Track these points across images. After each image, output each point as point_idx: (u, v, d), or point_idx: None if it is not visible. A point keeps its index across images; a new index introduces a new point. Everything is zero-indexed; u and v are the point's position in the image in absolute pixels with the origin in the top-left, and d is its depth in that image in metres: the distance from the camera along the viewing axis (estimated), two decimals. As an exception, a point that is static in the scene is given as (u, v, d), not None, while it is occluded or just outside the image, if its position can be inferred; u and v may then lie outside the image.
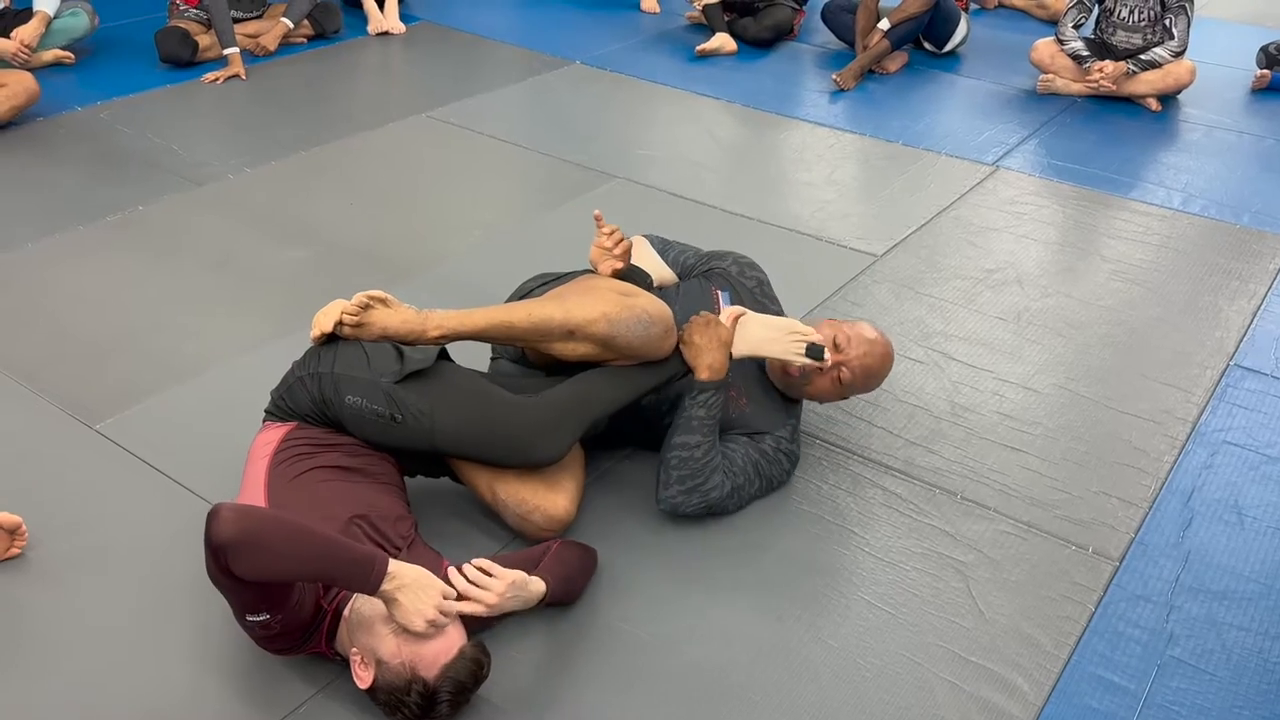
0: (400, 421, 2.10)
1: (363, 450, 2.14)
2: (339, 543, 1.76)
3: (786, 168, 4.14)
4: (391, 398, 2.10)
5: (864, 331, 2.41)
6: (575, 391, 2.16)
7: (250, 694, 1.94)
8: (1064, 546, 2.34)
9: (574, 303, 2.18)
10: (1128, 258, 3.51)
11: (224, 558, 1.63)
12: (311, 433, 2.13)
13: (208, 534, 1.64)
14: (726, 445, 2.37)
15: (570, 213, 3.69)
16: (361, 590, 1.75)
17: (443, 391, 2.12)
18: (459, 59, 5.23)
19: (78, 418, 2.63)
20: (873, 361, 2.40)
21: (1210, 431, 2.71)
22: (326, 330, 2.19)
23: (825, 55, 5.37)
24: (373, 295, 2.18)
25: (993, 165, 4.15)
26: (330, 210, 3.69)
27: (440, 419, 2.09)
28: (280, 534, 1.68)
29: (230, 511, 1.65)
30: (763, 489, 2.40)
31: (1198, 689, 2.03)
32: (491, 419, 2.10)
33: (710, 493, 2.28)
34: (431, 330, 2.18)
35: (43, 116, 4.34)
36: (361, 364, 2.14)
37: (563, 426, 2.12)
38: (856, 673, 2.03)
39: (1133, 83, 4.68)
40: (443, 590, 1.79)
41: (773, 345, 2.29)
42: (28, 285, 3.20)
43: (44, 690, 1.95)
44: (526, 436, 2.09)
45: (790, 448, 2.44)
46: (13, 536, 2.21)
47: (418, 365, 2.14)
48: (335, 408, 2.12)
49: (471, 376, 2.22)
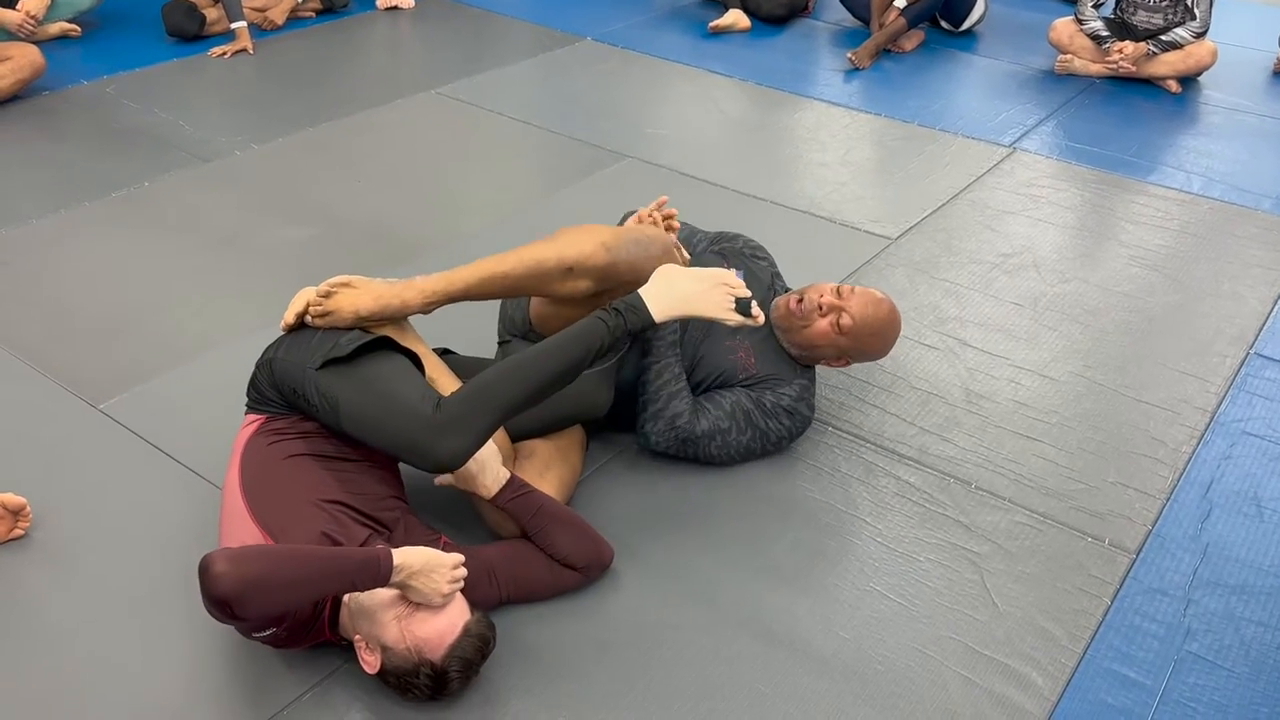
0: (316, 409, 1.99)
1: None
2: (337, 553, 1.73)
3: (800, 148, 4.08)
4: (314, 385, 1.99)
5: (868, 290, 2.42)
6: (477, 386, 1.92)
7: (257, 679, 1.92)
8: (1080, 538, 2.30)
9: (565, 240, 2.11)
10: (1146, 243, 3.46)
11: (230, 610, 1.59)
12: (281, 423, 2.05)
13: (205, 589, 1.58)
14: (721, 393, 2.36)
15: (580, 192, 3.65)
16: (375, 587, 1.73)
17: (353, 385, 1.96)
18: (468, 34, 5.17)
19: (82, 397, 2.60)
20: (873, 313, 2.37)
21: (1230, 421, 2.67)
22: (291, 322, 2.10)
23: (840, 33, 5.29)
24: (334, 282, 2.09)
25: (1010, 147, 4.09)
26: (337, 188, 3.65)
27: (343, 414, 1.95)
28: (278, 568, 1.63)
29: (224, 564, 1.58)
30: (756, 440, 2.37)
31: (1215, 685, 2.00)
32: (387, 424, 1.90)
33: (678, 422, 2.27)
34: (414, 298, 2.09)
35: (48, 90, 4.30)
36: (301, 348, 2.04)
37: (462, 427, 1.86)
38: (867, 665, 2.00)
39: (1153, 64, 4.60)
40: (450, 561, 1.78)
41: (701, 301, 2.02)
42: (32, 262, 3.17)
43: (47, 671, 1.93)
44: (424, 442, 1.86)
45: (793, 405, 2.40)
46: (17, 517, 2.19)
47: (335, 352, 2.00)
48: (287, 394, 2.04)
49: (392, 370, 2.00)
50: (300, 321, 2.12)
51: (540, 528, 2.04)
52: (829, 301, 2.35)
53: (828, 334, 2.37)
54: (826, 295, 2.36)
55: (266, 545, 1.76)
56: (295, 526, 1.85)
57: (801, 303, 2.37)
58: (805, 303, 2.37)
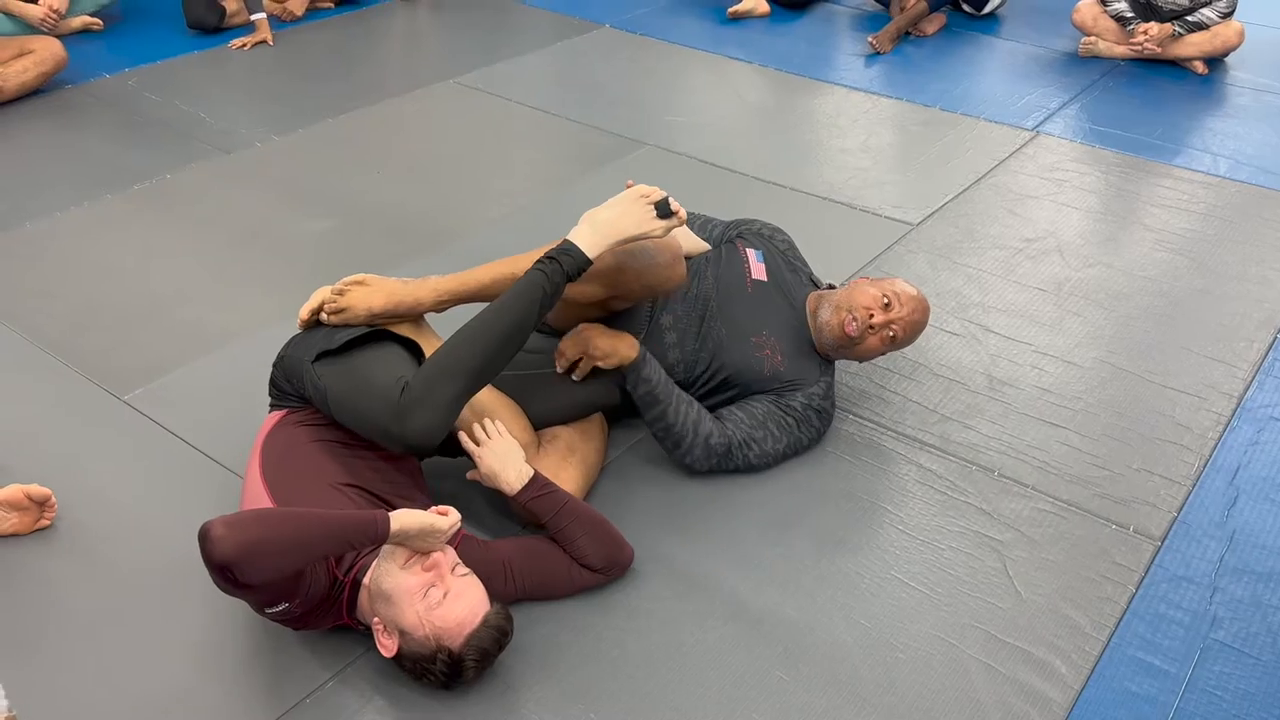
0: (313, 400, 2.04)
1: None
2: (335, 515, 1.75)
3: (820, 134, 4.05)
4: (310, 376, 2.03)
5: (905, 288, 2.44)
6: (434, 360, 1.93)
7: (281, 666, 1.94)
8: (1104, 525, 2.28)
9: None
10: (1172, 226, 3.42)
11: (231, 574, 1.60)
12: (301, 415, 2.09)
13: (205, 555, 1.60)
14: (749, 401, 2.38)
15: (601, 181, 3.64)
16: (372, 546, 1.77)
17: (337, 373, 2.00)
18: (486, 23, 5.16)
19: (106, 388, 2.63)
20: (920, 317, 2.44)
21: (1256, 407, 2.64)
22: (305, 319, 2.15)
23: (860, 17, 5.25)
24: (348, 280, 2.15)
25: (1033, 131, 4.05)
26: (359, 179, 3.66)
27: (331, 402, 1.99)
28: (277, 530, 1.65)
29: (221, 528, 1.60)
30: (791, 445, 2.39)
31: (1242, 673, 1.98)
32: (362, 408, 1.93)
33: (711, 440, 2.28)
34: (427, 296, 2.16)
35: (71, 84, 4.33)
36: (306, 343, 2.10)
37: (427, 404, 1.87)
38: (890, 653, 1.99)
39: (1178, 45, 4.54)
40: (446, 525, 1.81)
41: (624, 222, 2.03)
42: (57, 255, 3.19)
43: (73, 659, 1.95)
44: (393, 425, 1.87)
45: (823, 404, 2.42)
46: (43, 508, 2.21)
47: (328, 344, 2.05)
48: (296, 386, 2.10)
49: (375, 357, 2.03)
50: (315, 319, 2.16)
51: (562, 527, 2.04)
52: (880, 320, 2.38)
53: (878, 348, 2.43)
54: (877, 314, 2.37)
55: (265, 509, 1.77)
56: (311, 506, 1.88)
57: (855, 322, 2.37)
58: (859, 322, 2.37)
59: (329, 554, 1.76)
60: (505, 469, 2.05)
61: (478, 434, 2.08)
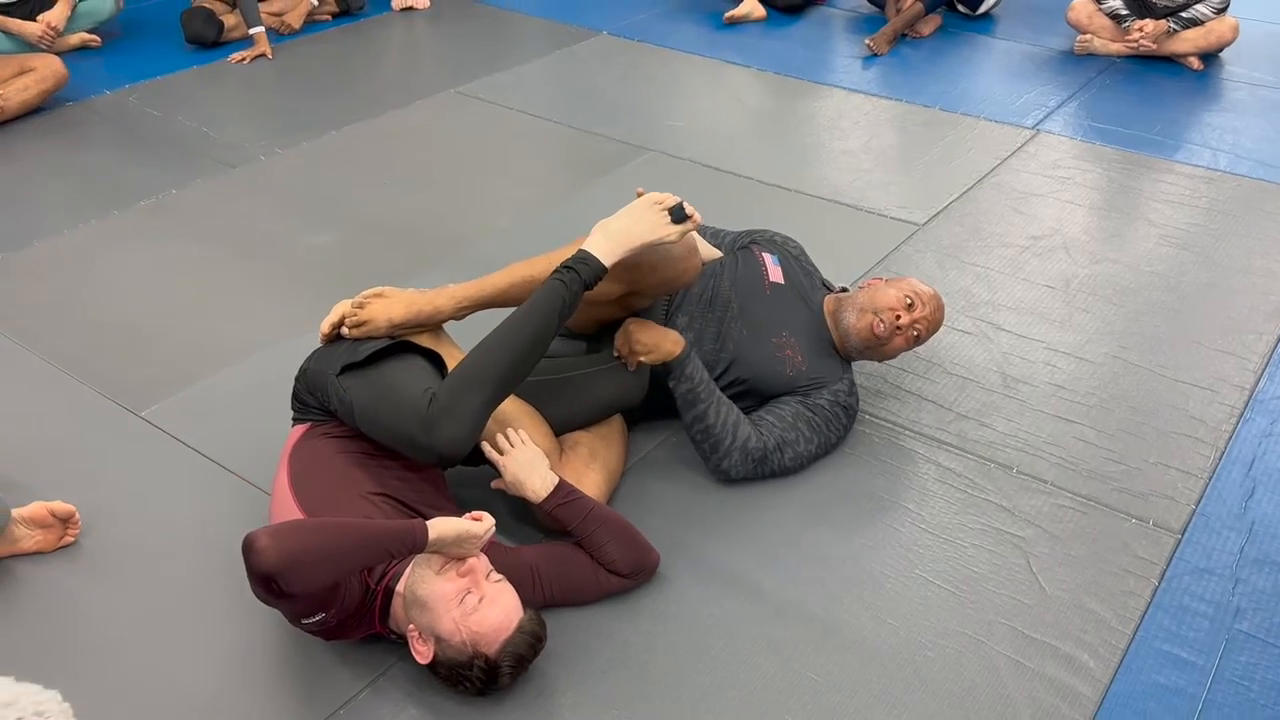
0: (339, 413, 2.05)
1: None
2: (375, 524, 1.76)
3: (822, 136, 4.07)
4: (335, 389, 2.04)
5: (923, 287, 2.49)
6: (459, 372, 1.95)
7: (313, 677, 1.94)
8: (1124, 520, 2.30)
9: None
10: (1175, 221, 3.44)
11: (276, 584, 1.61)
12: (326, 427, 2.10)
13: (250, 566, 1.61)
14: (777, 405, 2.39)
15: (605, 187, 3.65)
16: (411, 554, 1.78)
17: (363, 386, 2.02)
18: (485, 33, 5.17)
19: (123, 404, 2.63)
20: (940, 315, 2.50)
21: (1269, 399, 2.66)
22: (327, 333, 2.17)
23: (856, 20, 5.27)
24: (367, 293, 2.17)
25: (1033, 129, 4.07)
26: (364, 191, 3.66)
27: (357, 415, 2.00)
28: (319, 540, 1.66)
29: (266, 539, 1.61)
30: (822, 446, 2.41)
31: (1268, 663, 1.99)
32: (390, 420, 1.94)
33: (749, 445, 2.29)
34: (446, 304, 2.17)
35: (71, 101, 4.33)
36: (329, 356, 2.11)
37: (454, 415, 1.89)
38: (918, 652, 2.00)
39: (1174, 41, 4.57)
40: (481, 530, 1.82)
41: (639, 229, 2.05)
42: (67, 273, 3.19)
43: (101, 676, 1.95)
44: (421, 435, 1.89)
45: (848, 400, 2.45)
46: (66, 525, 2.21)
47: (352, 357, 2.06)
48: (320, 400, 2.10)
49: (401, 369, 2.05)
50: (336, 333, 2.16)
51: (588, 533, 2.05)
52: (906, 320, 2.41)
53: (902, 347, 2.46)
54: (903, 314, 2.41)
55: (305, 519, 1.77)
56: (344, 516, 1.88)
57: (883, 324, 2.40)
58: (886, 324, 2.40)
59: (369, 563, 1.77)
60: (530, 477, 2.05)
61: (501, 443, 2.09)
